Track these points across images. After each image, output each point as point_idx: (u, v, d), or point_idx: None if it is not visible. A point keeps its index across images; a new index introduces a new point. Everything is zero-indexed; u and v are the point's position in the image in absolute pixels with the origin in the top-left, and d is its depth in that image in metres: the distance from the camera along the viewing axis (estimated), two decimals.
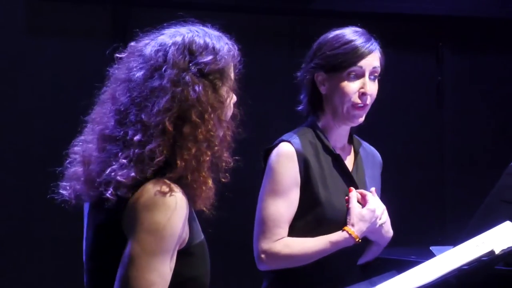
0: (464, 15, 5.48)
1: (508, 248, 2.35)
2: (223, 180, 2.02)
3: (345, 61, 2.80)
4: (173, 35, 2.05)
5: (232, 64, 2.10)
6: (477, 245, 2.32)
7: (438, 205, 5.48)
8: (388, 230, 2.88)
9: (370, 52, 2.81)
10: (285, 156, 2.79)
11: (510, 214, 2.71)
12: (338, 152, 2.86)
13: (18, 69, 4.82)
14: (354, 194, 2.80)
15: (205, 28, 2.14)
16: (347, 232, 2.75)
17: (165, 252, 1.89)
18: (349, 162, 2.91)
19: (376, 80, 2.85)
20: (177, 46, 2.01)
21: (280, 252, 2.77)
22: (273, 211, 2.77)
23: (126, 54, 2.06)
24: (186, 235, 1.96)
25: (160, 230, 1.88)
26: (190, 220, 1.98)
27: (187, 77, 1.97)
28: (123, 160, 1.91)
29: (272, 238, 2.77)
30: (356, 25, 2.90)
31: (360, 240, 2.77)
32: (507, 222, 2.43)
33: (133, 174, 1.89)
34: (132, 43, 2.08)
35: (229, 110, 2.10)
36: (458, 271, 2.26)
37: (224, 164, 2.03)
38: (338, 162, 2.84)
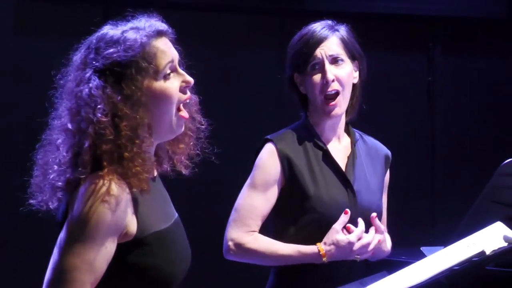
0: (455, 15, 5.49)
1: (499, 248, 2.35)
2: (141, 161, 2.01)
3: (303, 55, 2.81)
4: (93, 35, 2.11)
5: (147, 52, 2.05)
6: (468, 246, 2.32)
7: (429, 206, 5.49)
8: (380, 253, 2.88)
9: (323, 39, 2.81)
10: (267, 154, 2.83)
11: (501, 215, 2.71)
12: (330, 146, 2.87)
13: (8, 69, 4.81)
14: (343, 219, 2.77)
15: (136, 20, 2.15)
16: (318, 248, 2.75)
17: (90, 239, 1.94)
18: (344, 156, 2.90)
19: (345, 65, 2.83)
20: (86, 46, 2.08)
21: (247, 244, 2.79)
22: (248, 202, 2.81)
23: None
24: (129, 226, 2.00)
25: (85, 218, 1.94)
26: (141, 211, 2.02)
27: (86, 75, 2.03)
28: (55, 166, 2.01)
29: (243, 227, 2.80)
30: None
31: (326, 261, 2.74)
32: (498, 223, 2.43)
33: (68, 176, 1.99)
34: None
35: (162, 96, 2.06)
36: (449, 272, 2.26)
37: (142, 149, 2.02)
38: (327, 157, 2.85)
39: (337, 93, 2.81)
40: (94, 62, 2.03)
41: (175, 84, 2.10)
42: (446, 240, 2.70)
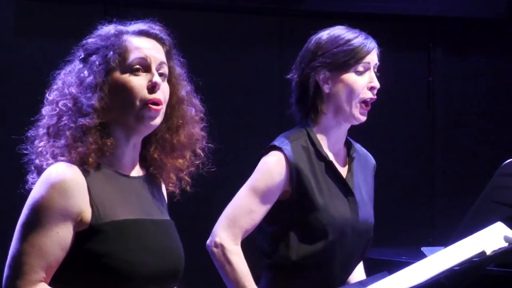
0: (456, 15, 5.49)
1: (499, 249, 2.35)
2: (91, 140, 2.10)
3: (353, 57, 2.78)
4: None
5: (119, 46, 2.14)
6: (468, 246, 2.32)
7: (429, 206, 5.49)
8: None
9: (373, 48, 2.83)
10: (275, 162, 2.78)
11: (501, 215, 2.71)
12: (332, 156, 2.83)
13: (8, 69, 4.81)
14: None
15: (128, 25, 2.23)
16: None
17: (38, 224, 1.99)
18: (343, 166, 2.88)
19: None
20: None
21: (231, 253, 2.74)
22: (247, 204, 2.76)
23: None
24: (84, 212, 2.03)
25: (33, 203, 2.00)
26: (96, 200, 2.06)
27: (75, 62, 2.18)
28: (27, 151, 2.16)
29: (234, 229, 2.75)
30: (343, 25, 2.90)
31: None
32: (498, 223, 2.43)
33: (34, 160, 2.11)
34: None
35: (123, 89, 2.13)
36: (450, 272, 2.26)
37: (85, 123, 2.09)
38: (331, 168, 2.81)
39: (372, 100, 2.82)
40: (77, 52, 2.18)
41: (141, 81, 2.13)
42: (446, 241, 2.70)
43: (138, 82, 2.12)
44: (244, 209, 2.76)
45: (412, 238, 4.69)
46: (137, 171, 2.22)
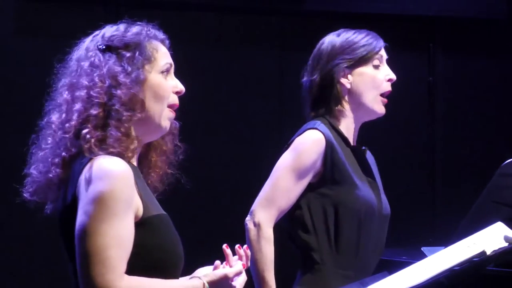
0: (456, 15, 5.49)
1: (500, 249, 2.35)
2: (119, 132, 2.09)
3: (371, 51, 2.92)
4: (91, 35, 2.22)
5: (152, 46, 2.17)
6: (468, 246, 2.32)
7: (429, 206, 5.49)
8: None
9: (383, 43, 2.98)
10: (312, 141, 2.84)
11: (501, 215, 2.71)
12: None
13: (8, 69, 4.82)
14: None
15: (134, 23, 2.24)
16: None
17: (112, 216, 1.98)
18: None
19: None
20: (93, 36, 2.19)
21: (266, 234, 2.82)
22: (285, 185, 2.83)
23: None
24: (138, 205, 2.06)
25: (103, 198, 1.98)
26: (140, 193, 2.08)
27: (91, 53, 2.14)
28: (49, 139, 2.10)
29: (273, 211, 2.83)
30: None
31: None
32: (499, 223, 2.43)
33: (60, 153, 2.07)
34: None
35: (157, 89, 2.15)
36: (450, 272, 2.26)
37: (123, 118, 2.10)
38: (356, 154, 2.90)
39: (387, 95, 2.96)
40: (98, 45, 2.14)
41: (170, 84, 2.18)
42: (446, 240, 2.70)
43: (168, 84, 2.17)
44: (282, 189, 2.83)
45: (412, 238, 4.69)
46: None
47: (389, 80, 2.94)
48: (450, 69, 5.59)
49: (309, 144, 2.84)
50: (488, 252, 2.31)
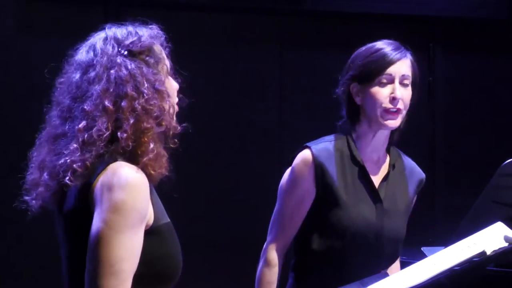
0: (456, 15, 5.49)
1: (500, 249, 2.35)
2: (172, 146, 2.12)
3: (375, 68, 2.85)
4: (98, 35, 2.17)
5: (158, 43, 2.17)
6: (468, 246, 2.32)
7: (429, 206, 5.49)
8: None
9: (398, 59, 2.87)
10: (301, 161, 2.85)
11: (501, 215, 2.71)
12: (369, 163, 2.88)
13: (8, 69, 4.81)
14: None
15: (128, 24, 2.22)
16: None
17: (130, 228, 1.97)
18: (380, 174, 2.91)
19: (409, 88, 2.88)
20: (102, 40, 2.14)
21: (266, 268, 2.87)
22: (286, 211, 2.86)
23: (66, 67, 2.18)
24: (151, 214, 2.05)
25: (123, 208, 1.97)
26: (153, 201, 2.07)
27: (118, 60, 2.09)
28: (74, 145, 2.03)
29: (278, 241, 2.87)
30: (389, 38, 2.97)
31: None
32: (499, 223, 2.43)
33: (86, 159, 2.02)
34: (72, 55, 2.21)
35: (167, 81, 2.16)
36: (450, 272, 2.26)
37: (171, 131, 2.12)
38: (363, 173, 2.86)
39: (398, 111, 2.85)
40: (120, 49, 2.10)
41: (175, 84, 2.19)
42: (446, 240, 2.70)
43: (175, 85, 2.19)
44: (286, 218, 2.86)
45: (412, 238, 4.69)
46: None
47: (393, 98, 2.83)
48: (450, 69, 5.59)
49: (299, 165, 2.85)
50: (488, 252, 2.31)
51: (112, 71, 2.06)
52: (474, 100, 5.62)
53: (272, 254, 2.87)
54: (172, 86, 2.16)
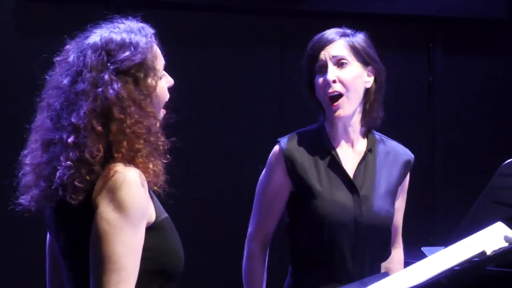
0: (456, 15, 5.49)
1: (500, 249, 2.35)
2: (164, 161, 2.14)
3: (311, 59, 2.87)
4: (91, 38, 2.17)
5: (153, 54, 2.16)
6: (468, 246, 2.32)
7: (429, 206, 5.49)
8: None
9: (328, 42, 2.85)
10: (272, 156, 2.91)
11: (501, 215, 2.71)
12: (344, 150, 2.88)
13: (8, 69, 4.81)
14: None
15: (126, 22, 2.24)
16: None
17: (131, 225, 2.00)
18: (355, 160, 2.90)
19: (350, 67, 2.84)
20: (93, 49, 2.12)
21: (249, 260, 2.93)
22: (264, 203, 2.91)
23: (60, 59, 2.20)
24: (151, 210, 2.09)
25: (124, 207, 2.00)
26: (152, 198, 2.12)
27: (105, 77, 2.07)
28: (68, 163, 2.03)
29: (258, 235, 2.92)
30: (340, 26, 2.93)
31: None
32: (499, 223, 2.43)
33: (84, 175, 2.03)
34: (67, 46, 2.23)
35: (161, 95, 2.18)
36: (450, 272, 2.26)
37: (160, 147, 2.14)
38: (334, 161, 2.86)
39: (339, 95, 2.82)
40: (110, 65, 2.08)
41: (165, 85, 2.20)
42: (446, 240, 2.70)
43: (165, 86, 2.20)
44: (263, 210, 2.91)
45: (412, 238, 4.68)
46: None
47: (327, 82, 2.80)
48: (450, 68, 5.58)
49: (271, 160, 2.92)
50: (488, 252, 2.31)
51: (99, 90, 2.05)
52: (474, 100, 5.62)
53: (252, 246, 2.92)
54: (163, 91, 2.17)
